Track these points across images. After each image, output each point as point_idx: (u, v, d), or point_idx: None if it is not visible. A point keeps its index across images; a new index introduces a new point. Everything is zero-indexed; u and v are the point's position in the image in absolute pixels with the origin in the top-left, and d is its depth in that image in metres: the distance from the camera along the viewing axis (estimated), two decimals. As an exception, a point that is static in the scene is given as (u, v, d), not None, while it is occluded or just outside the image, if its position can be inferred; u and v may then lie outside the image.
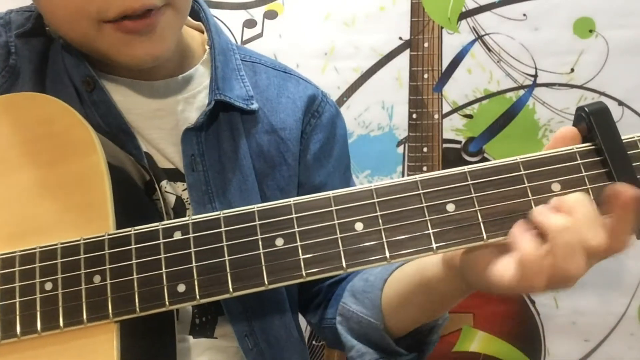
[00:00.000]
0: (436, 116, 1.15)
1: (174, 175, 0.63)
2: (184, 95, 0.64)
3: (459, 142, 1.16)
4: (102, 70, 0.62)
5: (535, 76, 1.12)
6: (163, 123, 0.63)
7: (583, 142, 0.44)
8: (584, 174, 0.43)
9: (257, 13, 1.15)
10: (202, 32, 0.69)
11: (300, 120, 0.69)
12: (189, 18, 0.69)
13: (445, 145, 1.16)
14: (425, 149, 1.16)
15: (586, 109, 0.43)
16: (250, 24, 1.15)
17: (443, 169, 1.26)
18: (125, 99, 0.62)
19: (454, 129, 1.15)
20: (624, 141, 0.43)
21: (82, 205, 0.49)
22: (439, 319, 0.62)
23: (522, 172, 0.44)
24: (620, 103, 1.11)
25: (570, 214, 0.41)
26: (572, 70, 1.11)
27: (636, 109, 1.11)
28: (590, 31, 1.10)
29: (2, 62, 0.61)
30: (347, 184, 0.74)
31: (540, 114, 1.13)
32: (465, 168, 0.44)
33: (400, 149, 1.16)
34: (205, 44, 0.68)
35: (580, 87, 1.12)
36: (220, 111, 0.64)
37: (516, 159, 0.44)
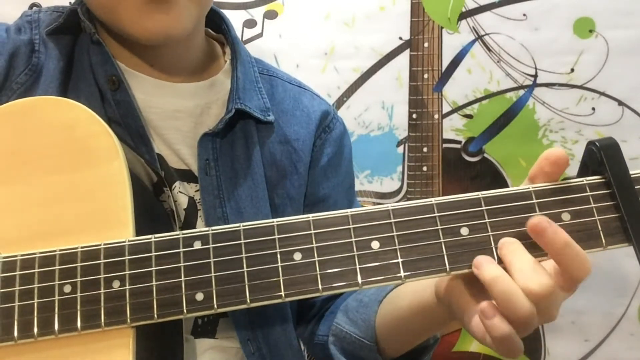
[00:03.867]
0: (436, 116, 1.15)
1: (187, 176, 0.64)
2: (205, 101, 0.66)
3: (459, 142, 1.16)
4: (129, 66, 0.63)
5: (535, 76, 1.12)
6: (181, 125, 0.64)
7: (593, 175, 0.46)
8: (592, 205, 0.45)
9: (257, 13, 1.15)
10: (223, 44, 0.72)
11: (313, 132, 0.71)
12: (210, 30, 0.71)
13: (445, 145, 1.16)
14: (425, 149, 1.15)
15: (597, 143, 0.46)
16: (250, 24, 1.15)
17: (443, 169, 1.25)
18: (147, 97, 0.63)
19: (454, 129, 1.15)
20: (632, 176, 0.45)
21: (103, 210, 0.50)
22: (430, 339, 0.62)
23: (534, 201, 0.46)
24: (620, 103, 1.11)
25: (510, 263, 0.43)
26: (572, 70, 1.11)
27: (636, 109, 1.11)
28: (590, 31, 1.10)
29: (25, 61, 0.62)
30: (350, 200, 0.76)
31: (540, 114, 1.13)
32: (480, 194, 0.46)
33: (400, 149, 1.16)
34: (226, 55, 0.70)
35: (580, 87, 1.12)
36: (238, 120, 0.66)
37: (529, 188, 0.46)
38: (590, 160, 0.47)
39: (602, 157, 0.45)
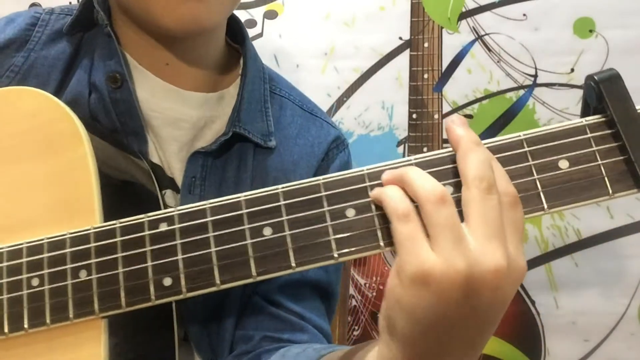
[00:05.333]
0: (436, 116, 1.15)
1: (175, 186, 0.63)
2: (210, 114, 0.64)
3: (459, 142, 1.15)
4: (141, 63, 0.62)
5: (535, 76, 1.12)
6: (181, 135, 0.63)
7: (593, 114, 0.41)
8: (594, 148, 0.40)
9: (257, 13, 1.15)
10: (240, 56, 0.69)
11: (314, 167, 0.67)
12: (228, 40, 0.69)
13: (445, 145, 1.15)
14: (425, 149, 1.15)
15: (596, 77, 0.40)
16: (250, 24, 1.15)
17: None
18: (152, 99, 0.62)
19: (454, 129, 1.15)
20: (638, 111, 0.40)
21: (68, 198, 0.49)
22: None
23: (526, 149, 0.41)
24: (620, 103, 1.11)
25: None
26: (572, 70, 1.11)
27: (636, 109, 1.11)
28: (590, 31, 1.10)
29: (7, 62, 0.61)
30: None
31: (540, 114, 1.13)
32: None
33: (400, 149, 1.16)
34: (240, 69, 0.68)
35: (580, 87, 1.11)
36: (236, 141, 0.64)
37: (520, 135, 0.41)
38: (590, 98, 0.41)
39: (601, 92, 0.39)
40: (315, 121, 0.72)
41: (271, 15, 1.15)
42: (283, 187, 0.43)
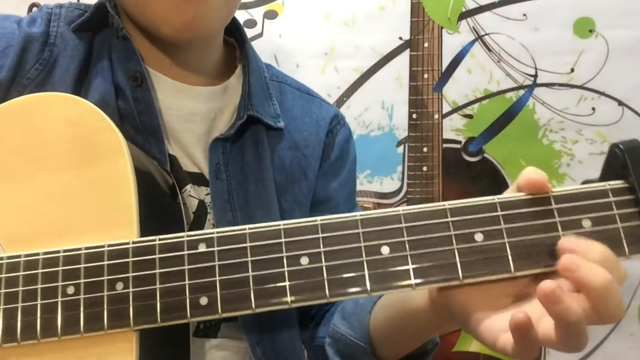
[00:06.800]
0: (436, 116, 1.15)
1: (198, 179, 0.65)
2: (218, 105, 0.67)
3: (459, 142, 1.15)
4: (149, 66, 0.64)
5: (535, 76, 1.12)
6: (195, 127, 0.65)
7: (616, 179, 0.44)
8: (615, 212, 0.43)
9: (257, 13, 1.15)
10: (234, 48, 0.72)
11: (323, 140, 0.72)
12: (224, 35, 0.72)
13: (445, 145, 1.16)
14: (425, 149, 1.15)
15: (621, 145, 0.43)
16: (250, 24, 1.15)
17: (443, 169, 1.24)
18: (166, 99, 0.64)
19: (454, 129, 1.15)
20: None
21: (107, 209, 0.49)
22: (428, 343, 0.61)
23: (553, 206, 0.43)
24: (620, 103, 1.11)
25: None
26: (572, 70, 1.11)
27: (636, 109, 1.11)
28: (590, 31, 1.10)
29: (35, 55, 0.62)
30: (351, 206, 0.76)
31: (540, 114, 1.13)
32: (496, 198, 0.44)
33: (400, 149, 1.16)
34: (238, 59, 0.71)
35: (580, 87, 1.12)
36: (249, 125, 0.66)
37: (548, 194, 0.44)
38: (614, 163, 0.44)
39: (626, 160, 0.43)
40: (314, 100, 0.76)
41: (271, 15, 1.15)
42: (322, 220, 0.45)
